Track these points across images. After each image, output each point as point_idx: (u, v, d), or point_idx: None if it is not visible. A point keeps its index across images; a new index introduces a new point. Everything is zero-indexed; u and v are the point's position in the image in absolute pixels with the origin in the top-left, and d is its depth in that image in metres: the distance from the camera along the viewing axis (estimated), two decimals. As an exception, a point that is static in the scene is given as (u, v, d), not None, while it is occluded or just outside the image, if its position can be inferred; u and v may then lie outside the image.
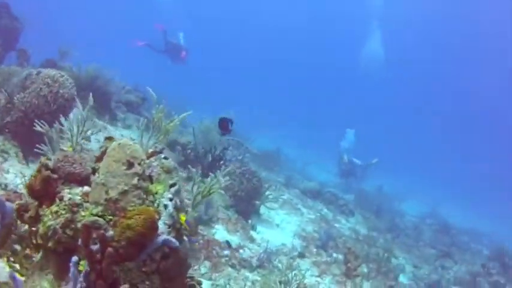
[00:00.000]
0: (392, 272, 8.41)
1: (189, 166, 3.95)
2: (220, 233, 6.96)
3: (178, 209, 3.06)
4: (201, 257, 6.01)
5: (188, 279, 3.45)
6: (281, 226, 8.81)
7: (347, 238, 9.86)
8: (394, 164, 27.10)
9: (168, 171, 3.13)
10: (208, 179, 3.36)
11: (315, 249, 8.25)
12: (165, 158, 3.22)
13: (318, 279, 6.97)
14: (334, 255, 8.43)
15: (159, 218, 2.91)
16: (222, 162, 8.29)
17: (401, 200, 18.78)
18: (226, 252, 6.38)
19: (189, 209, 3.31)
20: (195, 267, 5.69)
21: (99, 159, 3.15)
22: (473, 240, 16.15)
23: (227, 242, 6.81)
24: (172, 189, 3.06)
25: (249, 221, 7.92)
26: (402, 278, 9.07)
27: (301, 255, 7.60)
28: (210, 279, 5.59)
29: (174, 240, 2.87)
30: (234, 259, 6.32)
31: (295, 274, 6.02)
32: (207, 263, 5.94)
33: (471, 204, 26.14)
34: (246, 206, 8.10)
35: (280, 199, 10.47)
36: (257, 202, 8.48)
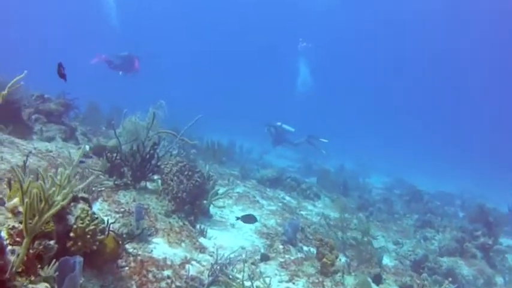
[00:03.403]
0: (374, 256, 7.17)
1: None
2: (160, 247, 5.45)
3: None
4: (132, 285, 4.51)
5: None
6: (237, 226, 7.28)
7: (317, 226, 8.56)
8: (348, 142, 26.90)
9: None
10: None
11: (281, 246, 6.83)
12: None
13: (289, 284, 5.57)
14: (305, 248, 7.10)
15: None
16: (154, 161, 6.78)
17: (365, 176, 18.13)
18: (166, 272, 4.90)
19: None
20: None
21: None
22: (446, 203, 15.45)
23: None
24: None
25: (197, 227, 6.45)
26: (386, 260, 7.89)
27: (265, 258, 6.16)
28: (146, 314, 4.12)
29: None
30: (179, 280, 4.85)
31: (256, 287, 4.67)
32: (142, 293, 4.45)
33: (431, 170, 26.06)
34: (190, 208, 6.59)
35: (235, 193, 9.07)
36: (204, 202, 7.01)
